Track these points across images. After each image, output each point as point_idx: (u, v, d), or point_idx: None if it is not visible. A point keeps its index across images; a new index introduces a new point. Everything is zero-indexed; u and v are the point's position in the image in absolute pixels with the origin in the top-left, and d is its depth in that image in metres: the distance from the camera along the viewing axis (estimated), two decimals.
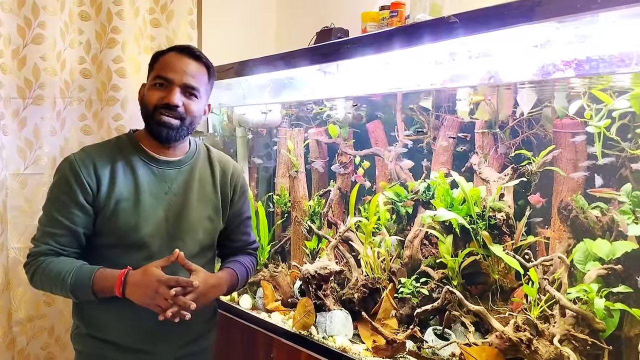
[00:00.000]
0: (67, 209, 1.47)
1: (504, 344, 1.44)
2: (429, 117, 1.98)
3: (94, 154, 1.54)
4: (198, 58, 1.57)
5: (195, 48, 1.59)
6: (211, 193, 1.66)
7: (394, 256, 1.93)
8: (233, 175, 1.73)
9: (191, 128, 1.58)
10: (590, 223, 1.54)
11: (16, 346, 2.27)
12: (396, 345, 1.63)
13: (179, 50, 1.56)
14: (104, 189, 1.50)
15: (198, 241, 1.60)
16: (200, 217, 1.62)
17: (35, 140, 2.27)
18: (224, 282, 1.60)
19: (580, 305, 1.42)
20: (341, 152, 2.26)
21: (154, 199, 1.55)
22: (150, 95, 1.53)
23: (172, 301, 1.40)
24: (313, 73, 1.98)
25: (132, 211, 1.51)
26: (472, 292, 1.70)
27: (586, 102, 1.50)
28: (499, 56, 1.52)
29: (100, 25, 2.39)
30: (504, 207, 1.67)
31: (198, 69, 1.56)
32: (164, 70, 1.52)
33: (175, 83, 1.51)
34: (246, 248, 1.80)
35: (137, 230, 1.50)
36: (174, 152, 1.61)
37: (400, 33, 1.55)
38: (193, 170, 1.64)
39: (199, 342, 1.67)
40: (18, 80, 2.22)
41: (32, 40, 2.21)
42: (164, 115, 1.50)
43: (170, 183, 1.59)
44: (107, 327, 1.54)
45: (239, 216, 1.75)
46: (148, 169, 1.57)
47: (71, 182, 1.48)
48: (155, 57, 1.58)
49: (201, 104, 1.58)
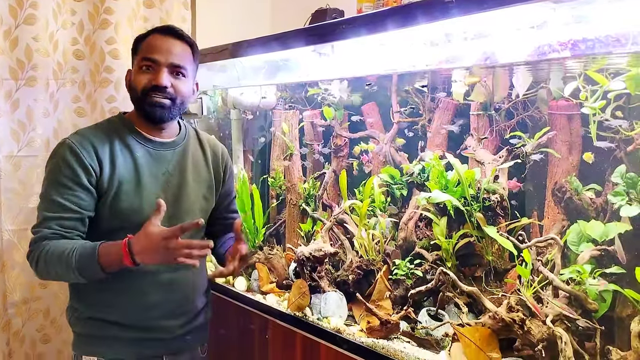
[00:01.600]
0: (71, 192, 1.45)
1: (497, 324, 1.45)
2: (424, 98, 1.97)
3: (91, 137, 1.53)
4: (181, 37, 1.57)
5: (177, 27, 1.59)
6: (205, 173, 1.68)
7: (389, 238, 1.93)
8: (223, 156, 1.77)
9: (182, 108, 1.59)
10: (584, 205, 1.55)
11: (11, 328, 2.28)
12: (390, 326, 1.64)
13: (162, 32, 1.55)
14: (107, 171, 1.49)
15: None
16: (197, 196, 1.64)
17: (29, 122, 2.26)
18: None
19: (573, 286, 1.43)
20: (336, 135, 2.25)
21: (153, 180, 1.56)
22: (138, 78, 1.52)
23: (188, 246, 1.34)
24: (308, 54, 1.96)
25: (134, 193, 1.51)
26: (465, 273, 1.70)
27: (582, 84, 1.49)
28: (495, 37, 1.51)
29: (93, 6, 2.37)
30: (499, 189, 1.67)
31: (183, 48, 1.56)
32: (149, 52, 1.51)
33: (161, 64, 1.50)
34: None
35: (140, 212, 1.50)
36: (167, 134, 1.62)
37: (396, 13, 1.53)
38: (186, 152, 1.65)
39: (198, 318, 1.70)
40: (10, 62, 2.20)
41: (24, 21, 2.19)
42: (154, 97, 1.50)
43: (166, 164, 1.59)
44: (109, 307, 1.54)
45: (229, 195, 1.80)
46: (145, 151, 1.57)
47: (73, 165, 1.46)
48: (137, 41, 1.58)
49: (189, 83, 1.59)
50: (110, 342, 1.56)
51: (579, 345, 1.37)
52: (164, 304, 1.56)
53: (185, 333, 1.64)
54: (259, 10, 3.07)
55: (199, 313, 1.70)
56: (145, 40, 1.55)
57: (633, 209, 1.37)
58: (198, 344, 1.74)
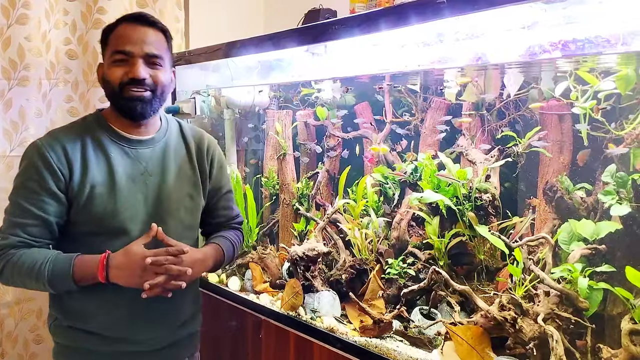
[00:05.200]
0: (37, 197, 1.38)
1: (489, 323, 1.46)
2: (416, 98, 1.98)
3: (62, 138, 1.44)
4: (153, 24, 1.46)
5: (148, 14, 1.49)
6: (188, 170, 1.59)
7: (382, 237, 1.94)
8: (209, 149, 1.66)
9: (163, 99, 1.50)
10: (575, 204, 1.56)
11: (4, 328, 2.28)
12: (383, 325, 1.64)
13: (131, 20, 1.45)
14: (77, 174, 1.41)
15: (180, 221, 1.54)
16: (181, 195, 1.55)
17: (21, 122, 2.26)
18: (209, 256, 1.54)
19: (564, 284, 1.44)
20: (329, 134, 2.25)
21: (130, 181, 1.47)
22: (112, 73, 1.42)
23: (165, 272, 1.36)
24: (301, 54, 1.97)
25: (109, 196, 1.43)
26: (458, 272, 1.71)
27: (572, 84, 1.50)
28: (487, 37, 1.52)
29: (86, 6, 2.37)
30: (490, 188, 1.68)
31: (156, 36, 1.46)
32: (122, 44, 1.41)
33: (136, 55, 1.41)
34: (230, 222, 1.74)
35: (115, 216, 1.43)
36: (145, 130, 1.53)
37: (388, 14, 1.54)
38: (167, 148, 1.56)
39: (186, 327, 1.63)
40: (3, 61, 2.20)
41: (16, 21, 2.19)
42: (132, 91, 1.42)
43: (145, 163, 1.51)
44: (89, 317, 1.47)
45: (219, 190, 1.70)
46: (121, 150, 1.49)
47: (40, 169, 1.38)
48: (106, 32, 1.47)
49: (167, 71, 1.50)
50: (90, 354, 1.49)
51: (570, 343, 1.38)
52: (146, 314, 1.48)
53: (171, 344, 1.57)
54: (252, 11, 3.07)
55: (186, 323, 1.62)
56: (114, 31, 1.44)
57: (623, 208, 1.38)
58: (185, 356, 1.66)
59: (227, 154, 2.64)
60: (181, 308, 1.58)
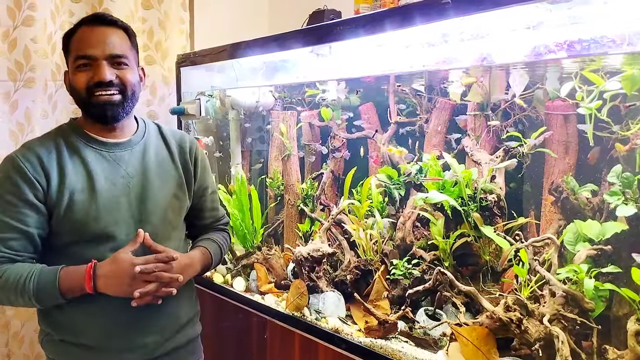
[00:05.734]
0: (15, 209, 1.34)
1: (494, 323, 1.45)
2: (421, 99, 1.97)
3: (36, 147, 1.40)
4: (113, 23, 1.43)
5: (106, 13, 1.46)
6: (172, 170, 1.56)
7: (386, 238, 1.94)
8: (191, 149, 1.63)
9: (134, 99, 1.47)
10: (580, 204, 1.56)
11: (11, 329, 2.29)
12: (388, 326, 1.64)
13: (89, 22, 1.41)
14: (54, 183, 1.38)
15: (168, 222, 1.52)
16: (166, 196, 1.52)
17: (27, 124, 2.27)
18: (196, 261, 1.53)
19: (570, 285, 1.43)
20: (334, 135, 2.25)
21: (111, 185, 1.43)
22: (76, 79, 1.39)
23: (156, 279, 1.35)
24: (306, 55, 1.97)
25: (89, 201, 1.39)
26: (463, 273, 1.71)
27: (578, 84, 1.50)
28: (492, 38, 1.51)
29: (91, 7, 2.38)
30: (496, 189, 1.68)
31: (117, 35, 1.42)
32: (82, 49, 1.38)
33: (99, 58, 1.37)
34: (216, 224, 1.74)
35: (97, 221, 1.39)
36: (121, 133, 1.50)
37: (393, 14, 1.54)
38: (147, 150, 1.53)
39: (185, 332, 1.59)
40: (9, 63, 2.21)
41: (22, 23, 2.20)
42: (100, 95, 1.38)
43: (125, 166, 1.47)
44: (79, 330, 1.43)
45: (205, 190, 1.68)
46: (98, 154, 1.45)
47: (16, 181, 1.34)
48: (66, 37, 1.43)
49: (134, 70, 1.46)
50: None
51: (575, 344, 1.38)
52: (137, 323, 1.45)
53: (169, 352, 1.54)
54: (257, 12, 3.08)
55: (184, 327, 1.58)
56: (74, 36, 1.40)
57: (629, 209, 1.38)
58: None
59: (232, 155, 2.64)
60: (175, 314, 1.55)
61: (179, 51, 2.62)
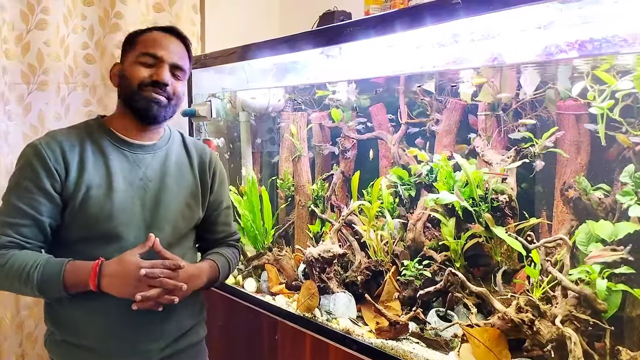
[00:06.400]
0: (30, 196, 1.35)
1: (506, 325, 1.45)
2: (431, 99, 1.97)
3: (60, 138, 1.42)
4: (183, 39, 1.51)
5: (179, 29, 1.53)
6: (189, 179, 1.58)
7: (397, 239, 1.94)
8: (211, 162, 1.65)
9: (174, 110, 1.51)
10: (592, 204, 1.54)
11: (24, 329, 2.31)
12: (399, 327, 1.64)
13: (164, 30, 1.49)
14: (73, 174, 1.38)
15: (177, 229, 1.52)
16: (179, 203, 1.53)
17: (40, 126, 2.29)
18: (203, 272, 1.52)
19: (582, 286, 1.42)
20: (344, 136, 2.26)
21: (128, 186, 1.44)
22: (135, 71, 1.43)
23: (160, 285, 1.34)
24: (316, 56, 1.98)
25: (105, 198, 1.40)
26: (474, 274, 1.70)
27: (589, 83, 1.49)
28: (502, 38, 1.51)
29: (103, 10, 2.40)
30: (507, 189, 1.67)
31: (182, 49, 1.50)
32: (152, 47, 1.44)
33: (165, 61, 1.44)
34: (227, 239, 1.72)
35: (110, 219, 1.39)
36: (149, 136, 1.52)
37: (403, 15, 1.54)
38: (169, 155, 1.55)
39: (187, 338, 1.58)
40: (22, 66, 2.23)
41: (35, 26, 2.22)
42: (152, 92, 1.43)
43: (144, 168, 1.48)
44: (83, 330, 1.42)
45: (220, 204, 1.68)
46: (120, 153, 1.47)
47: (36, 167, 1.35)
48: (134, 35, 1.49)
49: (184, 85, 1.53)
50: None
51: (588, 345, 1.37)
52: (139, 327, 1.44)
53: (169, 356, 1.53)
54: (268, 13, 3.09)
55: (187, 333, 1.58)
56: (145, 35, 1.47)
57: None
58: None
59: (242, 156, 2.65)
60: (178, 320, 1.54)
61: None
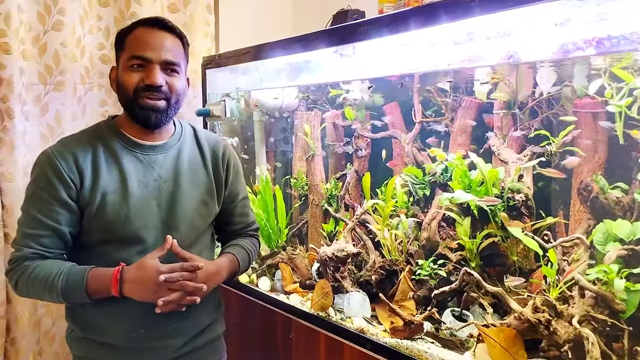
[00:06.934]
0: (48, 207, 1.36)
1: (522, 325, 1.44)
2: (446, 98, 1.96)
3: (72, 146, 1.42)
4: (171, 30, 1.44)
5: (166, 19, 1.46)
6: (203, 175, 1.57)
7: (412, 238, 1.93)
8: (224, 155, 1.64)
9: (177, 107, 1.48)
10: (610, 203, 1.53)
11: (42, 327, 2.33)
12: (414, 327, 1.63)
13: (149, 24, 1.42)
14: (88, 182, 1.39)
15: (195, 228, 1.53)
16: (195, 202, 1.53)
17: (57, 126, 2.31)
18: (223, 268, 1.53)
19: (600, 286, 1.41)
20: (358, 135, 2.25)
21: (143, 188, 1.45)
22: (127, 78, 1.40)
23: (180, 288, 1.35)
24: (329, 56, 1.97)
25: (121, 203, 1.41)
26: (490, 273, 1.69)
27: (607, 81, 1.47)
28: (518, 35, 1.50)
29: (119, 11, 2.42)
30: (523, 188, 1.66)
31: (174, 42, 1.44)
32: (139, 49, 1.39)
33: (154, 61, 1.39)
34: (246, 230, 1.74)
35: (127, 223, 1.41)
36: (159, 136, 1.51)
37: (417, 13, 1.53)
38: (181, 153, 1.54)
39: (206, 335, 1.61)
40: (39, 67, 2.25)
41: (52, 27, 2.24)
42: (147, 99, 1.40)
43: (158, 169, 1.48)
44: (105, 329, 1.45)
45: (236, 196, 1.68)
46: (133, 156, 1.46)
47: (51, 178, 1.36)
48: (121, 35, 1.45)
49: (183, 79, 1.48)
50: None
51: (606, 346, 1.35)
52: (161, 326, 1.46)
53: (190, 352, 1.55)
54: (281, 13, 3.09)
55: (205, 330, 1.60)
56: (131, 35, 1.42)
57: None
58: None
59: (256, 155, 2.66)
60: (198, 317, 1.56)
61: (204, 53, 2.65)
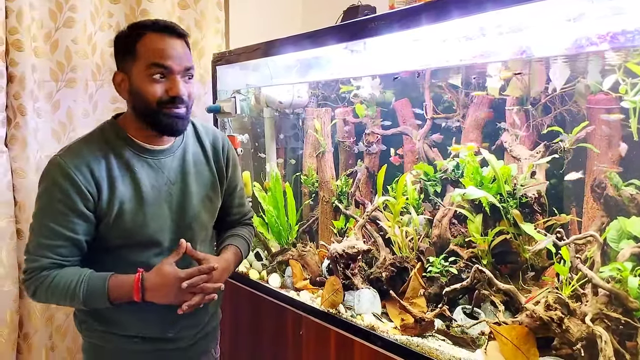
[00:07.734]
0: (65, 218, 1.36)
1: (534, 322, 1.42)
2: (458, 94, 1.95)
3: (85, 156, 1.40)
4: (182, 35, 1.43)
5: (173, 23, 1.43)
6: (207, 172, 1.60)
7: (422, 235, 1.92)
8: (224, 149, 1.66)
9: (191, 110, 1.48)
10: (624, 200, 1.51)
11: (54, 322, 2.35)
12: (425, 324, 1.62)
13: (162, 30, 1.39)
14: (105, 193, 1.39)
15: (204, 225, 1.59)
16: (202, 199, 1.57)
17: (69, 123, 2.33)
18: (231, 262, 1.60)
19: (614, 284, 1.39)
20: (369, 132, 2.24)
21: (156, 193, 1.47)
22: (149, 89, 1.37)
23: (201, 291, 1.42)
24: (340, 52, 1.97)
25: (137, 210, 1.43)
26: (502, 271, 1.68)
27: (621, 77, 1.45)
28: (531, 30, 1.48)
29: (130, 8, 2.42)
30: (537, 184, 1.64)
31: (184, 46, 1.43)
32: (159, 57, 1.36)
33: (175, 71, 1.38)
34: (243, 219, 1.79)
35: (144, 228, 1.44)
36: (166, 139, 1.51)
37: (429, 8, 1.52)
38: (186, 154, 1.55)
39: (213, 321, 1.72)
40: (51, 64, 2.27)
41: (63, 24, 2.25)
42: (173, 109, 1.39)
43: (167, 172, 1.50)
44: (126, 324, 1.50)
45: (234, 188, 1.72)
46: (144, 162, 1.47)
47: (68, 191, 1.35)
48: (128, 41, 1.39)
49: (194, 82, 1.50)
50: (132, 353, 1.53)
51: (619, 344, 1.34)
52: (182, 318, 1.48)
53: (201, 338, 1.66)
54: (291, 9, 3.09)
55: (212, 316, 1.71)
56: (144, 40, 1.37)
57: None
58: (212, 346, 1.76)
59: (266, 152, 2.66)
60: (207, 306, 1.62)
61: (214, 50, 2.65)
